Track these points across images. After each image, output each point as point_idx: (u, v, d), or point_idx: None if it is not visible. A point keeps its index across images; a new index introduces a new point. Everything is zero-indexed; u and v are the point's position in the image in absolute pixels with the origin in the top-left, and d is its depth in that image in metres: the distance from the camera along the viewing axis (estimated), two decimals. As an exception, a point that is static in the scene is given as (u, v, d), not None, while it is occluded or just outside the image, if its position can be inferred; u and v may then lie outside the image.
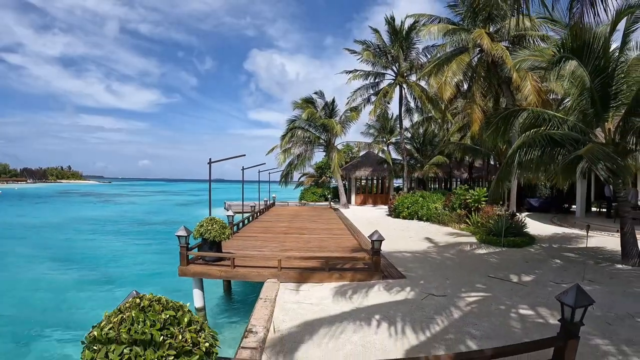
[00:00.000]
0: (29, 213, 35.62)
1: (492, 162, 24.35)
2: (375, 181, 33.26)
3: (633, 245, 9.18)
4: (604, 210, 19.40)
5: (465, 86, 19.12)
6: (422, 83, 24.44)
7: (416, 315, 5.32)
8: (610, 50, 8.99)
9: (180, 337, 2.07)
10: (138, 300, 2.21)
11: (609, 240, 12.01)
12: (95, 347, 2.10)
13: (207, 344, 2.15)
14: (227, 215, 12.80)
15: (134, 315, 2.08)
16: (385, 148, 32.65)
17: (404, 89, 25.83)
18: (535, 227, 15.50)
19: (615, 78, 8.85)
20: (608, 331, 5.14)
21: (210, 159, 10.08)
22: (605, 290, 6.97)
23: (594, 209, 21.49)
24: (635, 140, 8.23)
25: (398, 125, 27.96)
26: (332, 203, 29.13)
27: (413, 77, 25.32)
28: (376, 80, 26.38)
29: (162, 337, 2.02)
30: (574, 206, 21.28)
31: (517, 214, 13.80)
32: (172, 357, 1.99)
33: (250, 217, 16.24)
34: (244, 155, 12.71)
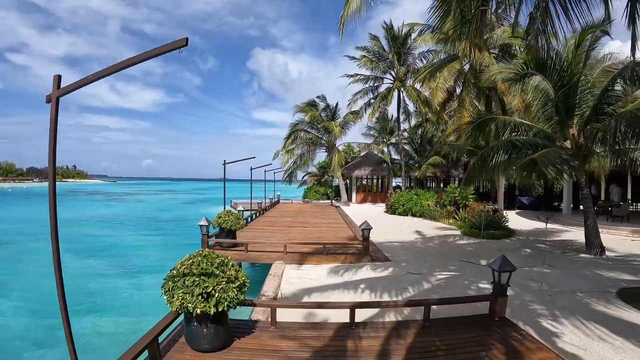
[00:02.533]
0: (44, 211, 37.17)
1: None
2: (375, 180, 34.55)
3: (595, 237, 10.44)
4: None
5: (458, 90, 20.35)
6: (418, 87, 25.69)
7: (394, 286, 6.68)
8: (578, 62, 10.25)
9: (228, 272, 3.45)
10: (200, 251, 3.59)
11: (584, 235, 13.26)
12: (175, 279, 3.48)
13: (243, 278, 3.53)
14: (238, 210, 14.23)
15: (199, 259, 3.46)
16: (385, 149, 33.93)
17: (402, 92, 27.11)
18: (521, 222, 16.79)
19: (578, 89, 10.12)
20: (548, 301, 6.45)
21: (225, 161, 11.52)
22: (559, 273, 8.28)
23: (582, 207, 22.66)
24: (592, 142, 9.50)
25: (397, 127, 29.26)
26: (333, 201, 30.48)
27: (410, 81, 26.59)
28: (375, 84, 27.69)
29: (218, 271, 3.39)
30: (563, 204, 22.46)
31: (499, 210, 15.07)
32: (224, 283, 3.36)
33: (258, 213, 17.65)
34: (254, 157, 14.17)
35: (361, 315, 4.78)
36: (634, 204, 20.09)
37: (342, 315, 4.60)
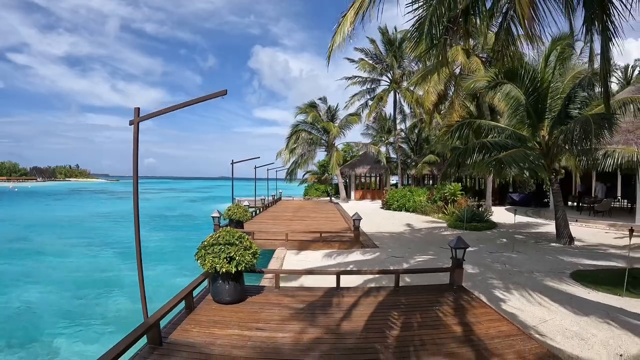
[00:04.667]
0: (53, 209, 38.58)
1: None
2: (373, 178, 35.78)
3: (564, 228, 11.64)
4: (576, 204, 21.66)
5: (450, 93, 21.53)
6: (413, 89, 26.87)
7: (378, 266, 7.96)
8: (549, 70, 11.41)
9: (244, 242, 4.75)
10: (225, 228, 4.87)
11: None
12: (206, 248, 4.77)
13: (255, 248, 4.83)
14: (244, 205, 15.55)
15: (224, 233, 4.76)
16: (383, 149, 35.12)
17: (398, 94, 28.33)
18: (507, 217, 17.93)
19: (549, 95, 11.31)
20: (505, 277, 7.68)
21: (232, 160, 12.83)
22: (525, 257, 9.48)
23: (569, 203, 23.84)
24: (558, 143, 10.69)
25: (393, 127, 30.49)
26: (333, 198, 31.75)
27: (406, 84, 27.81)
28: (372, 86, 28.93)
29: (237, 242, 4.68)
30: (553, 201, 23.54)
31: (483, 205, 16.29)
32: (242, 250, 4.65)
33: (262, 209, 18.97)
34: (259, 157, 15.45)
35: (346, 283, 6.05)
36: (623, 200, 21.01)
37: (331, 285, 5.88)
